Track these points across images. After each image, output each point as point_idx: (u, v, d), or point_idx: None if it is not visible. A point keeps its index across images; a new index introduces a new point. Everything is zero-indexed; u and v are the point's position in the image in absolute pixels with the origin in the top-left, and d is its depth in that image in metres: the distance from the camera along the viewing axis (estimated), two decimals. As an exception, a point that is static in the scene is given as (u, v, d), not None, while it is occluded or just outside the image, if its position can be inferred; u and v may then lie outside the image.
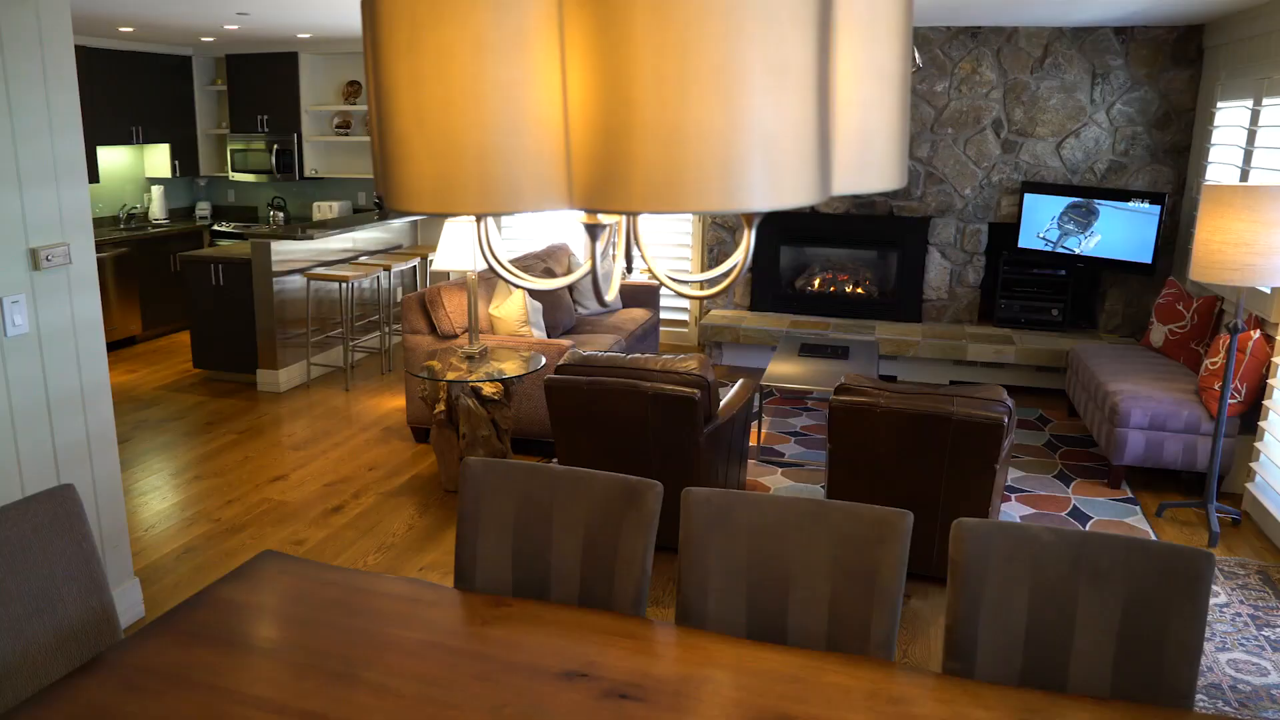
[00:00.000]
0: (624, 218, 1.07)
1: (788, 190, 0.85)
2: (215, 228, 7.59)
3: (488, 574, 2.08)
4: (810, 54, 0.83)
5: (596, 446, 3.72)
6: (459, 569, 2.10)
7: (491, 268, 1.04)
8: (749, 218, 1.03)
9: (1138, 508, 4.34)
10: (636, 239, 1.10)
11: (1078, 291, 6.42)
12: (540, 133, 0.85)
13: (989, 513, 3.43)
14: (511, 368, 4.28)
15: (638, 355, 3.73)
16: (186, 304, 5.98)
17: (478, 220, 1.06)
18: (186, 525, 4.05)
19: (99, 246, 6.63)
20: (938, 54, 6.09)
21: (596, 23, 0.79)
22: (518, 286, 1.06)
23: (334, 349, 6.49)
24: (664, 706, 1.57)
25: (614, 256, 1.09)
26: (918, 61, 5.92)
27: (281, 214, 7.77)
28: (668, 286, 1.10)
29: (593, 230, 0.96)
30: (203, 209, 7.90)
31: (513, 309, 5.03)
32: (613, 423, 3.61)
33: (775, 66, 0.81)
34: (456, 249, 4.23)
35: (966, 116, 6.15)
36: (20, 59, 2.47)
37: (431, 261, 7.19)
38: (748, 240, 1.05)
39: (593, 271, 0.97)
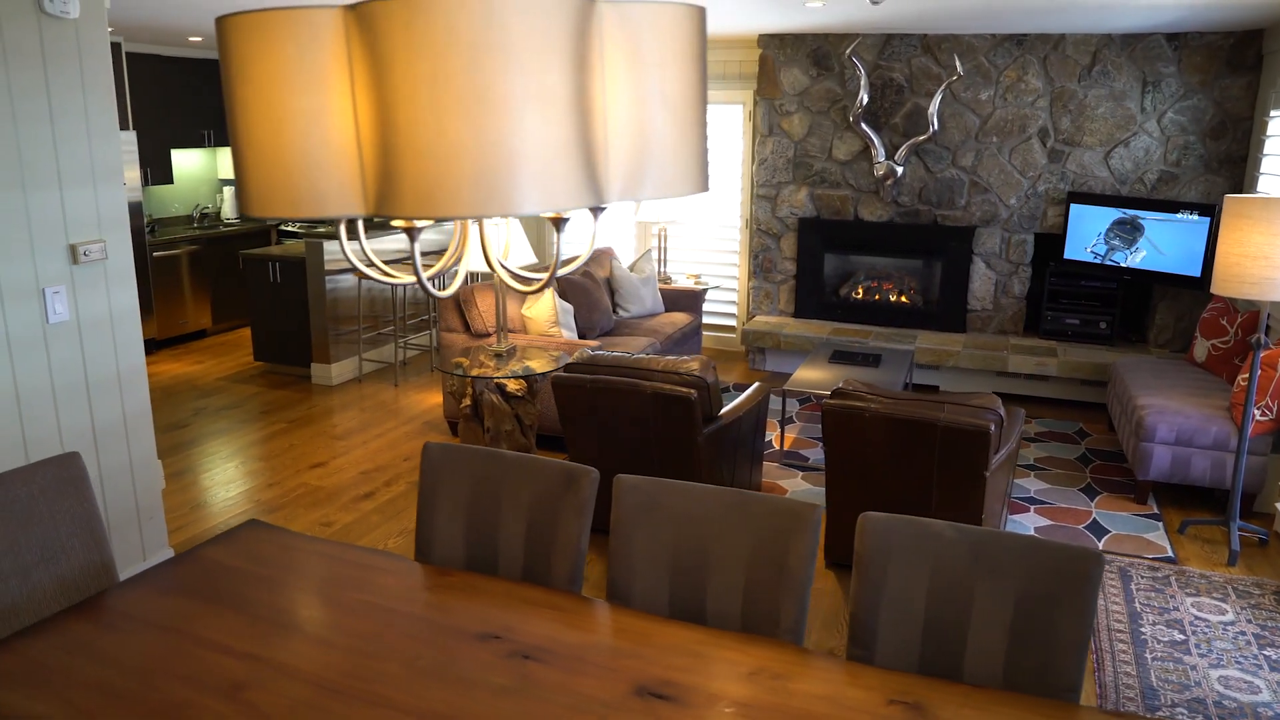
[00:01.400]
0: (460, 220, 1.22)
1: (547, 196, 0.99)
2: (283, 227, 8.04)
3: (443, 549, 2.26)
4: (562, 81, 0.97)
5: (602, 443, 3.87)
6: (419, 544, 2.28)
7: (351, 261, 1.21)
8: (555, 220, 1.17)
9: (1160, 524, 4.26)
10: (481, 237, 1.25)
11: (1127, 304, 6.27)
12: (339, 152, 1.01)
13: (982, 520, 3.44)
14: (537, 366, 4.46)
15: (643, 356, 3.87)
16: (248, 300, 6.38)
17: (345, 224, 1.23)
18: (227, 505, 4.37)
19: (173, 244, 7.12)
20: (982, 62, 6.05)
21: (371, 60, 0.95)
22: (381, 282, 1.23)
23: (387, 345, 6.82)
24: (560, 668, 1.71)
25: (457, 256, 1.24)
26: (959, 70, 5.89)
27: (348, 217, 8.17)
28: (506, 282, 1.25)
29: (410, 233, 1.12)
30: (429, 225, 8.39)
31: (543, 310, 5.22)
32: (616, 420, 3.76)
33: (522, 93, 0.95)
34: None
35: (1012, 125, 6.09)
36: (61, 72, 2.77)
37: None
38: (557, 240, 1.19)
39: (415, 269, 1.13)
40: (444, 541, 2.25)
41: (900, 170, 6.28)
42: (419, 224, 1.13)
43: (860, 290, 6.83)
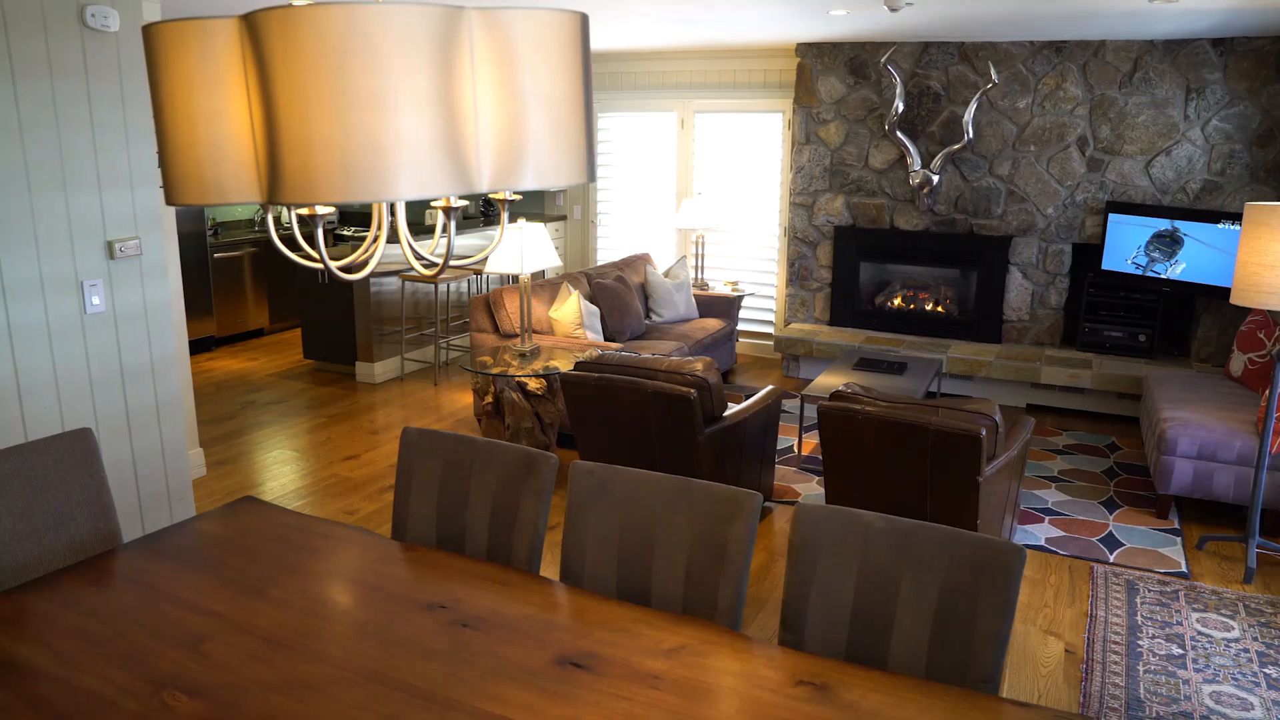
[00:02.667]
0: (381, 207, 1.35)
1: (415, 185, 1.11)
2: (339, 232, 8.38)
3: (417, 528, 2.40)
4: (427, 81, 1.09)
5: (608, 440, 3.98)
6: (395, 522, 2.43)
7: (274, 242, 1.35)
8: (444, 209, 1.29)
9: (1178, 539, 4.17)
10: (395, 224, 1.38)
11: (1169, 317, 6.12)
12: (237, 146, 1.15)
13: (977, 527, 3.44)
14: (562, 366, 4.60)
15: (649, 356, 3.97)
16: (299, 300, 6.68)
17: (264, 208, 1.37)
18: (259, 492, 4.61)
19: (235, 246, 7.49)
20: (1020, 69, 5.99)
21: (258, 64, 1.09)
22: (298, 264, 1.36)
23: (429, 346, 7.05)
24: (493, 637, 1.83)
25: (371, 253, 1.37)
26: (993, 77, 5.85)
27: (400, 222, 8.48)
28: (411, 264, 1.37)
29: (312, 220, 1.25)
30: (330, 214, 8.75)
31: (569, 312, 5.37)
32: (619, 418, 3.87)
33: (386, 92, 1.07)
34: (506, 255, 4.62)
35: (1050, 133, 6.01)
36: (101, 81, 3.02)
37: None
38: (449, 229, 1.31)
39: (320, 254, 1.26)
40: (417, 520, 2.39)
41: (936, 179, 6.26)
42: (320, 210, 1.26)
43: (896, 299, 6.80)
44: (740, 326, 7.62)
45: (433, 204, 1.24)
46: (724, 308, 6.88)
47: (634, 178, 7.90)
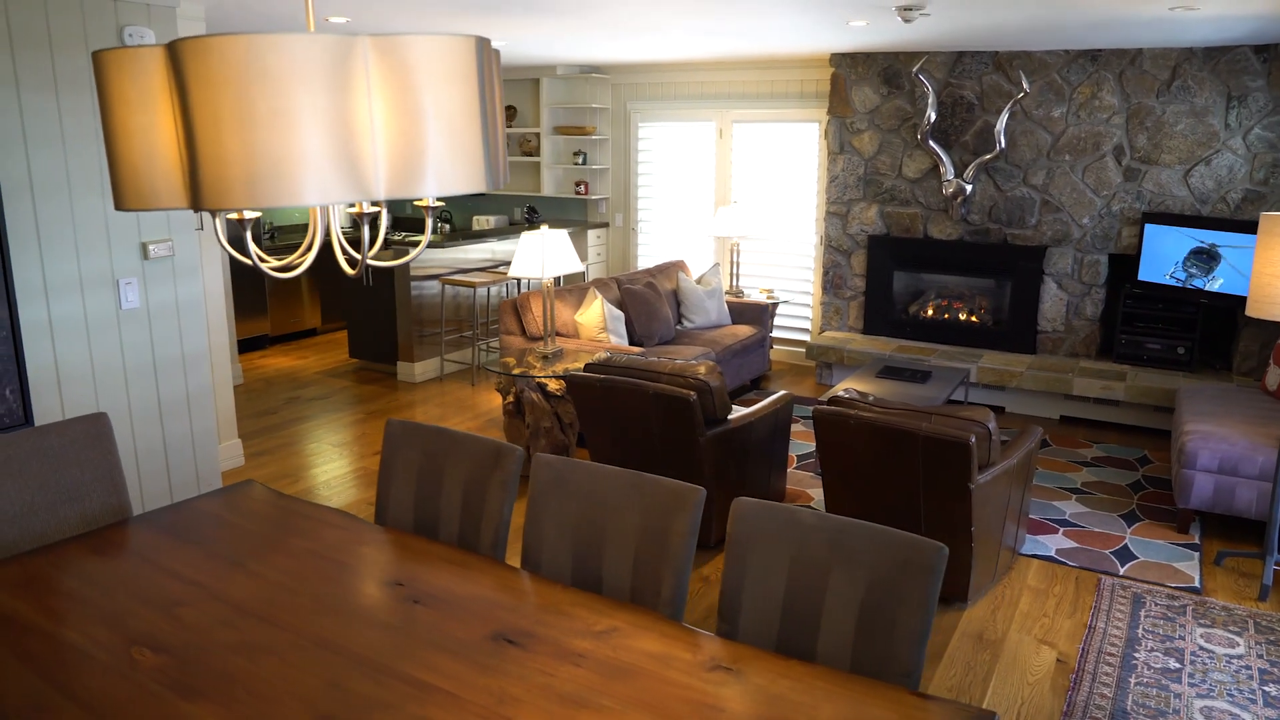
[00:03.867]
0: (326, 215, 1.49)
1: (316, 192, 1.25)
2: (389, 236, 8.68)
3: (396, 514, 2.55)
4: (323, 101, 1.23)
5: (614, 440, 4.09)
6: (378, 508, 2.58)
7: (223, 246, 1.50)
8: (358, 215, 1.43)
9: (1196, 554, 4.09)
10: (329, 228, 1.52)
11: (1210, 329, 5.97)
12: (165, 158, 1.30)
13: (972, 534, 3.45)
14: (580, 369, 4.73)
15: (655, 359, 4.07)
16: (346, 302, 6.97)
17: (213, 215, 1.53)
18: (288, 482, 4.85)
19: (292, 248, 7.84)
20: (1055, 78, 5.93)
21: (177, 90, 1.24)
22: (254, 263, 1.52)
23: (468, 347, 7.27)
24: (440, 613, 1.96)
25: (312, 249, 1.51)
26: (1025, 87, 5.80)
27: (447, 225, 8.76)
28: (339, 258, 1.51)
29: (243, 224, 1.40)
30: (258, 216, 9.06)
31: (593, 316, 5.50)
32: (622, 418, 3.98)
33: (283, 111, 1.21)
34: (528, 260, 4.77)
35: (1085, 143, 5.93)
36: (133, 100, 3.27)
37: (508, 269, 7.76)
38: (364, 233, 1.44)
39: (250, 254, 1.40)
40: (397, 506, 2.54)
41: (969, 188, 6.22)
42: (248, 214, 1.41)
43: (930, 308, 6.77)
44: (776, 334, 7.66)
45: (348, 209, 1.37)
46: (756, 314, 6.93)
47: (674, 186, 8.02)
